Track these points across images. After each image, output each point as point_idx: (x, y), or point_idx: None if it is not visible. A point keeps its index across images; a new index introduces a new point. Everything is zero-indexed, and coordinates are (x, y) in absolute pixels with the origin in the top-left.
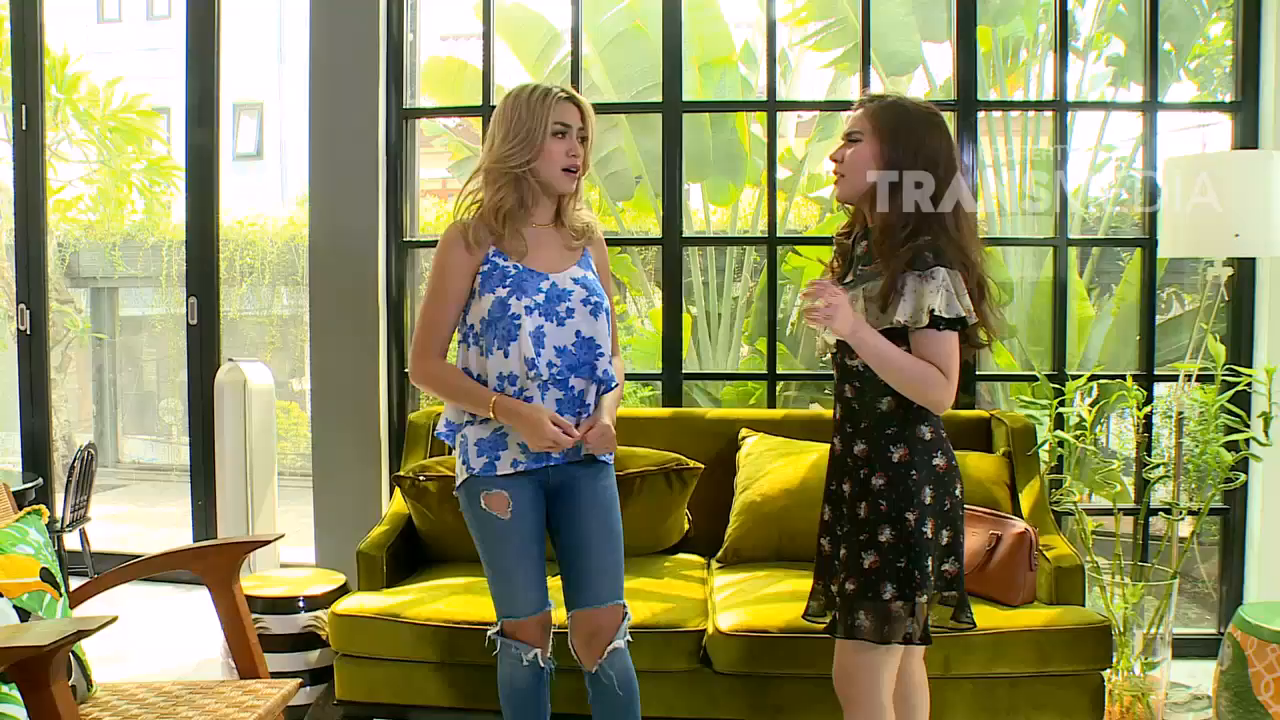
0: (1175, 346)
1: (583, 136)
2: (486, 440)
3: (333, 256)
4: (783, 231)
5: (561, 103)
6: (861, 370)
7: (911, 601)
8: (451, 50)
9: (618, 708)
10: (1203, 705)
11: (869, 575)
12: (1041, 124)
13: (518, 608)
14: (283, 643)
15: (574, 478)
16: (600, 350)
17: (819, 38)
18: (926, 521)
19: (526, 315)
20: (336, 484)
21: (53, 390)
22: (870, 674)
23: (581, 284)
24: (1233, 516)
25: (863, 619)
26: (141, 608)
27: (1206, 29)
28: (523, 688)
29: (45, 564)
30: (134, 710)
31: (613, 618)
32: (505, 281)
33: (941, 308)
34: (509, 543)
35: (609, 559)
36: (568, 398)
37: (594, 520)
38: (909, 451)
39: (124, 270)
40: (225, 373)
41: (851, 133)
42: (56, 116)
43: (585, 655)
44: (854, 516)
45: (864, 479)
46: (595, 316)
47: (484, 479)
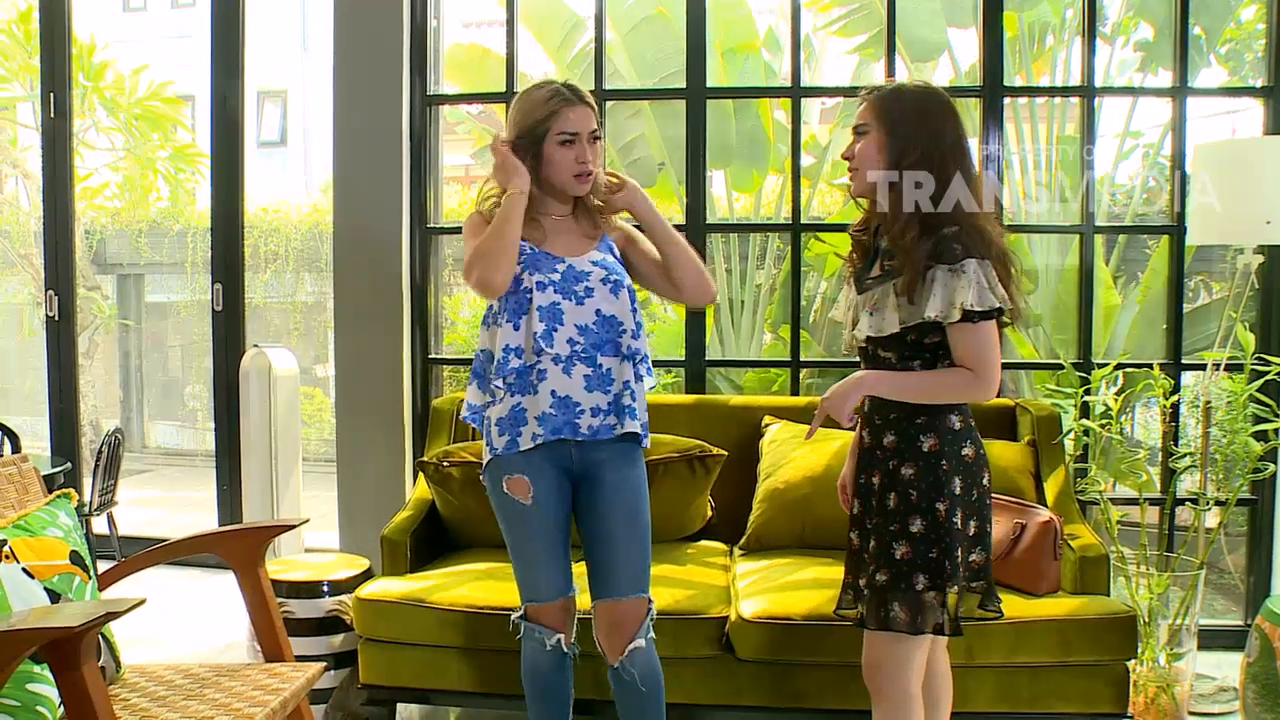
0: (1203, 335)
1: (595, 135)
2: (506, 419)
3: (357, 243)
4: (806, 218)
5: (564, 112)
6: (893, 363)
7: (943, 592)
8: (475, 37)
9: (641, 703)
10: (1228, 697)
11: (901, 566)
12: (1068, 110)
13: (540, 592)
14: (307, 627)
15: (599, 463)
16: (623, 327)
17: (843, 23)
18: (957, 511)
19: (539, 291)
20: (360, 469)
21: (80, 376)
22: (901, 665)
23: (600, 265)
24: (1260, 507)
25: (897, 610)
26: (168, 591)
27: (1238, 12)
28: (545, 671)
29: (75, 547)
30: (161, 691)
31: (634, 611)
32: (520, 259)
33: (973, 302)
34: (531, 527)
35: (632, 551)
36: (596, 375)
37: (618, 510)
38: (939, 441)
39: (150, 257)
40: (250, 359)
41: (858, 125)
42: (84, 104)
43: (608, 648)
44: (883, 508)
45: (893, 470)
46: (615, 295)
47: (507, 459)
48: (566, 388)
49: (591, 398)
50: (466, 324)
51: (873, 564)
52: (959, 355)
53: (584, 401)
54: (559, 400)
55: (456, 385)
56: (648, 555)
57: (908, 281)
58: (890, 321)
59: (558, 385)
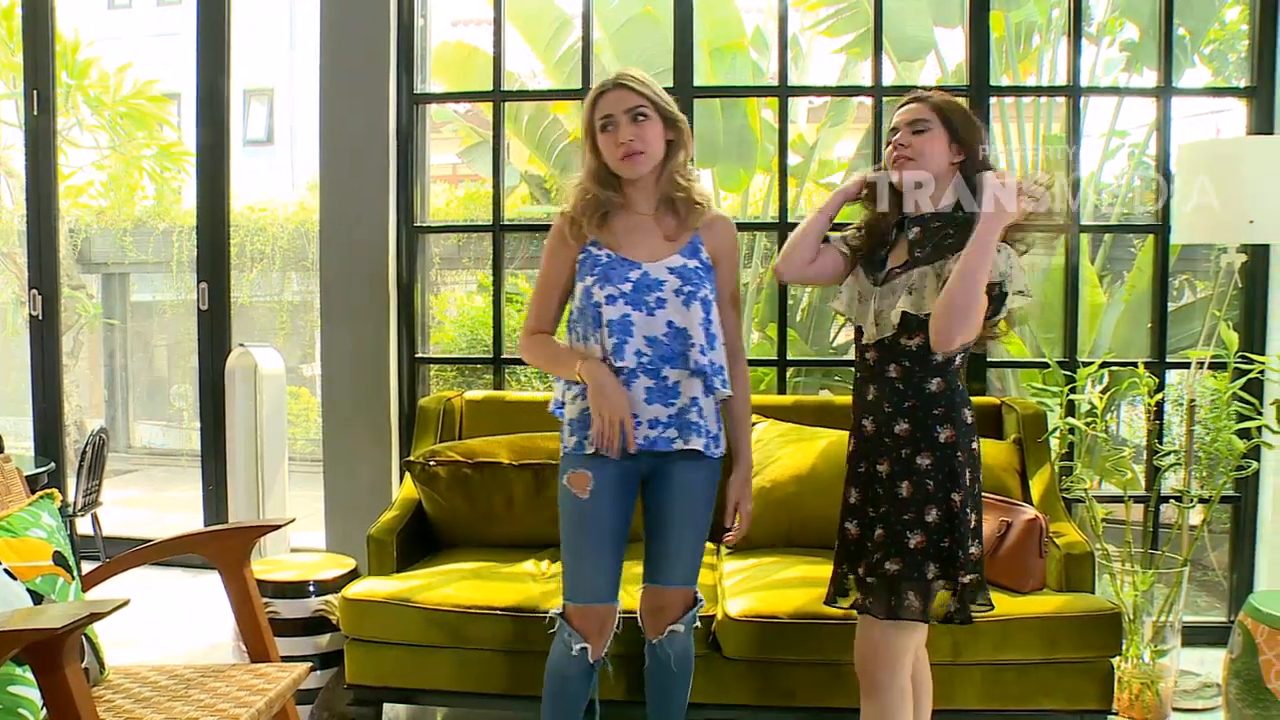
0: (1187, 333)
1: (638, 114)
2: (576, 420)
3: (343, 242)
4: (794, 217)
5: (601, 97)
6: (915, 350)
7: (955, 581)
8: (462, 35)
9: (669, 683)
10: (1212, 693)
11: (914, 555)
12: (1054, 109)
13: (577, 592)
14: (293, 627)
15: (669, 465)
16: (693, 341)
17: (830, 23)
18: (969, 503)
19: (608, 304)
20: (347, 469)
21: (64, 375)
22: (899, 656)
23: (678, 273)
24: (1244, 504)
25: (911, 599)
26: (153, 591)
27: (1222, 13)
28: (564, 674)
29: (58, 547)
30: (146, 693)
31: (678, 599)
32: (594, 270)
33: (1004, 280)
34: (584, 522)
35: (685, 545)
36: (659, 387)
37: (680, 507)
38: (955, 433)
39: (135, 256)
40: (236, 358)
41: (916, 121)
42: (68, 102)
43: (649, 626)
44: (894, 497)
45: (906, 458)
46: (688, 306)
47: (575, 456)
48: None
49: (651, 410)
50: (453, 323)
51: (879, 552)
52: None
53: (641, 414)
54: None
55: (443, 384)
56: (700, 553)
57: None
58: (931, 302)
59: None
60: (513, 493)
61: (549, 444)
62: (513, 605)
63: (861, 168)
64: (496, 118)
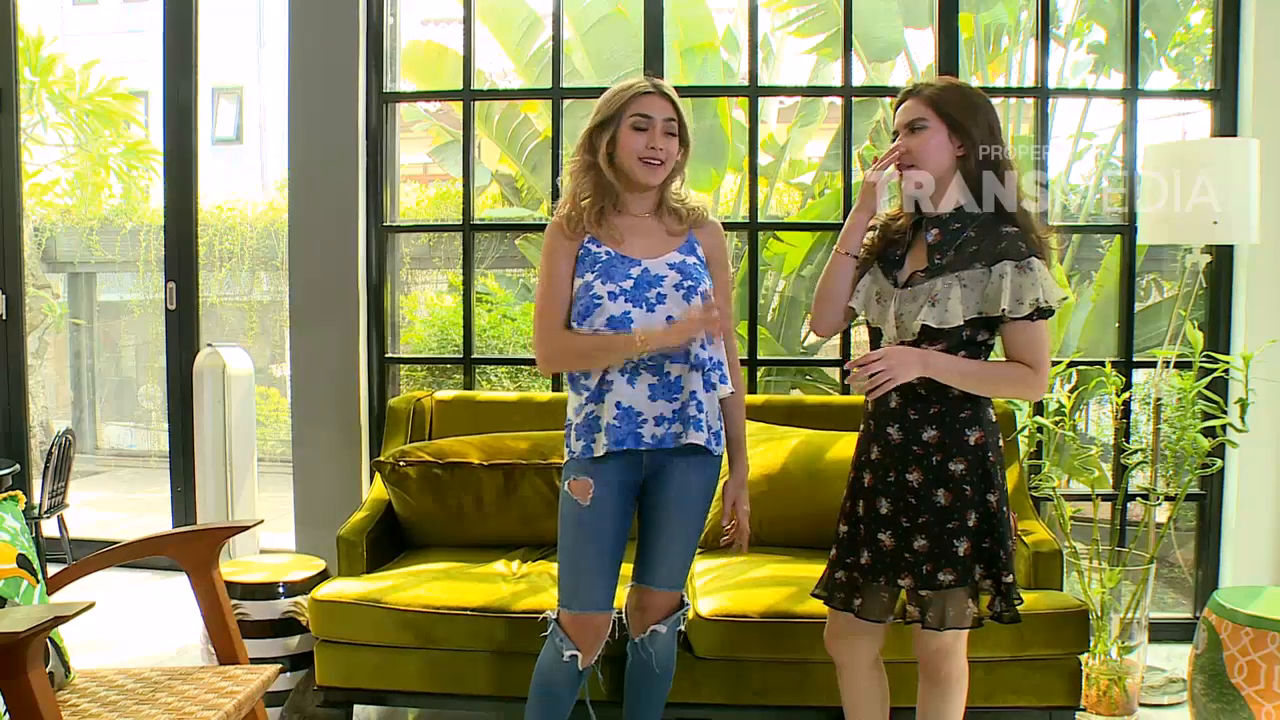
0: (1154, 333)
1: (671, 131)
2: (582, 425)
3: (312, 241)
4: (764, 217)
5: (643, 96)
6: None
7: (998, 580)
8: (432, 34)
9: (650, 682)
10: (1178, 688)
11: (964, 562)
12: (1023, 110)
13: (572, 599)
14: (263, 628)
15: (668, 465)
16: (693, 336)
17: (801, 23)
18: (1005, 502)
19: (610, 300)
20: (316, 469)
21: (30, 376)
22: (961, 650)
23: (677, 269)
24: (1209, 502)
25: (970, 606)
26: (120, 594)
27: (1187, 17)
28: (551, 678)
29: (22, 550)
30: (113, 697)
31: (663, 601)
32: (594, 267)
33: (1044, 298)
34: (582, 529)
35: (675, 549)
36: (662, 383)
37: (675, 510)
38: (984, 434)
39: (102, 255)
40: (204, 358)
41: (914, 122)
42: (31, 99)
43: (633, 624)
44: (932, 506)
45: (938, 464)
46: (688, 302)
47: (579, 462)
48: (630, 398)
49: (655, 407)
50: (423, 323)
51: (929, 563)
52: (1018, 351)
53: (647, 411)
54: (623, 411)
55: (413, 384)
56: (690, 556)
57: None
58: (955, 314)
59: (622, 396)
60: (483, 493)
61: (519, 444)
62: (483, 606)
63: (832, 169)
64: (467, 117)
